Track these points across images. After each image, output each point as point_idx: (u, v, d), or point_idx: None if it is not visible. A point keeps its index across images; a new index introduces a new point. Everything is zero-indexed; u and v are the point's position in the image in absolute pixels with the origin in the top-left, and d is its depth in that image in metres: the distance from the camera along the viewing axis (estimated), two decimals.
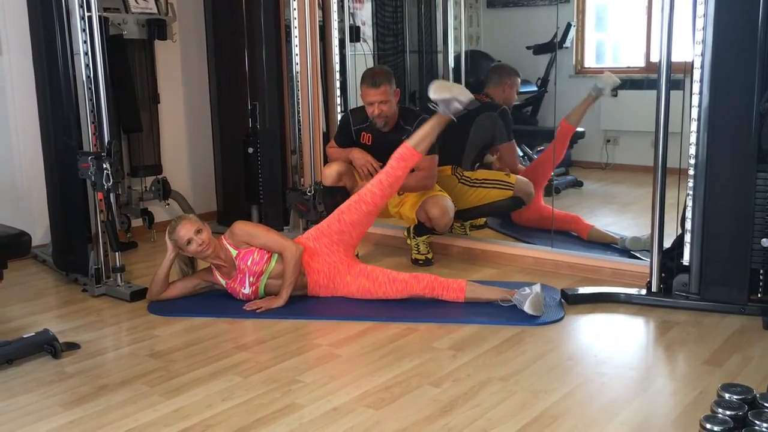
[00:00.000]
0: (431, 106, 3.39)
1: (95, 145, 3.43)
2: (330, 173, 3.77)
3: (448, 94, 3.31)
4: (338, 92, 4.52)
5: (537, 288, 3.10)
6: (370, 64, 4.63)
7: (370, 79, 3.67)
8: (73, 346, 2.85)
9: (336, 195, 3.73)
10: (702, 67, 2.97)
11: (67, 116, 3.51)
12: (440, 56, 5.09)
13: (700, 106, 3.00)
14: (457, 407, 2.31)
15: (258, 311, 3.17)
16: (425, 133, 3.41)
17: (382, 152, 3.70)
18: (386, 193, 3.39)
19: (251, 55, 4.50)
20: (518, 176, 4.09)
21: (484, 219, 4.30)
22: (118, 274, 3.49)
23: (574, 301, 3.24)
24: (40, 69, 3.65)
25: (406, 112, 3.81)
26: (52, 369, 2.68)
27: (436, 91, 3.33)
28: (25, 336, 2.80)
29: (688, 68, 3.03)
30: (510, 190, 4.05)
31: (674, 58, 3.04)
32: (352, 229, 3.35)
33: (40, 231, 4.11)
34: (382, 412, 2.29)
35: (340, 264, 3.32)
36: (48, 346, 2.77)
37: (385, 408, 2.32)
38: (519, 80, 4.30)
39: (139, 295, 3.40)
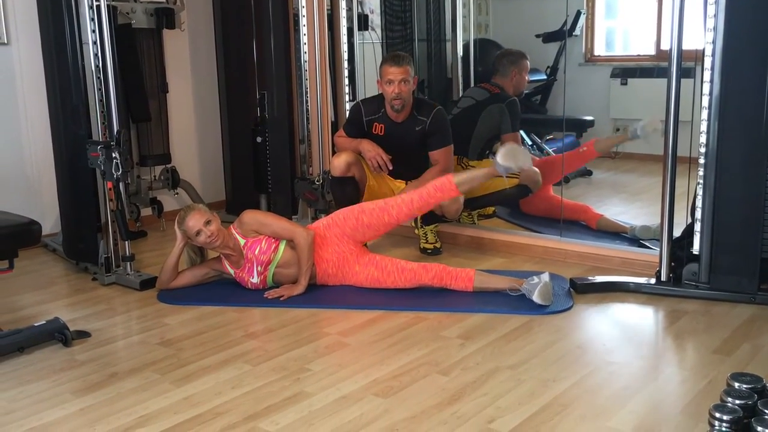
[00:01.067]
0: (494, 162, 3.28)
1: (104, 135, 3.44)
2: (339, 164, 3.74)
3: (513, 163, 3.23)
4: (346, 81, 4.50)
5: (546, 277, 3.10)
6: (379, 53, 4.61)
7: (392, 58, 3.66)
8: (83, 334, 2.87)
9: (345, 185, 3.73)
10: (713, 54, 2.94)
11: (76, 106, 3.52)
12: (449, 45, 5.07)
13: (711, 94, 2.97)
14: (466, 396, 2.31)
15: (281, 299, 3.18)
16: (473, 177, 3.40)
17: (394, 143, 3.68)
18: (413, 214, 3.42)
19: (259, 44, 4.50)
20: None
21: (493, 208, 4.29)
22: (128, 263, 3.51)
23: (583, 291, 3.23)
24: (49, 58, 3.65)
25: (420, 102, 3.78)
26: (63, 357, 2.70)
27: (504, 158, 3.22)
28: (36, 324, 2.82)
29: (699, 56, 3.00)
30: (516, 179, 4.04)
31: (685, 46, 3.01)
32: (366, 230, 3.35)
33: (50, 220, 4.13)
34: (391, 401, 2.29)
35: (349, 254, 3.32)
36: (59, 334, 2.79)
37: (394, 396, 2.32)
38: (527, 63, 4.25)
39: (148, 283, 3.41)
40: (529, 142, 4.69)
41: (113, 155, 3.32)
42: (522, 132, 4.28)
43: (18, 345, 2.71)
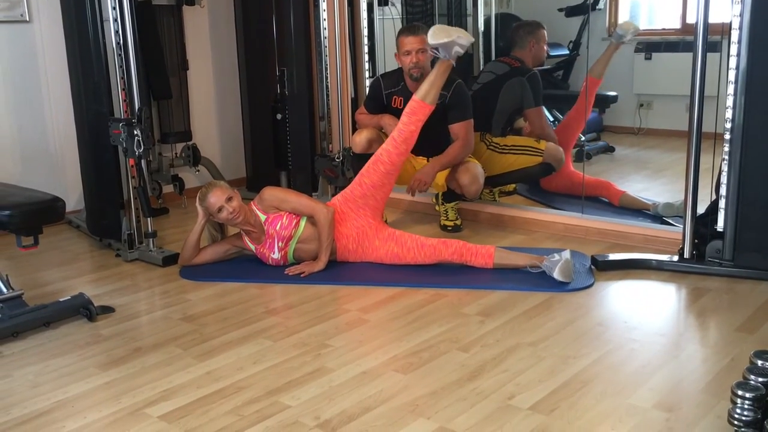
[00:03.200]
0: (432, 52, 3.34)
1: (126, 112, 3.46)
2: (360, 140, 3.74)
3: (446, 38, 3.25)
4: (366, 57, 4.48)
5: (566, 254, 3.08)
6: (399, 29, 4.58)
7: (408, 28, 3.67)
8: (107, 310, 2.91)
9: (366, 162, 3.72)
10: (740, 27, 2.88)
11: (97, 83, 3.54)
12: (470, 19, 5.01)
13: (737, 68, 2.92)
14: (486, 372, 2.32)
15: (302, 276, 3.19)
16: (430, 83, 3.38)
17: None
18: (401, 149, 3.36)
19: (279, 21, 4.48)
20: (548, 142, 4.04)
21: (514, 185, 4.27)
22: (151, 240, 3.54)
23: (604, 268, 3.21)
24: (71, 36, 3.67)
25: None
26: (88, 332, 2.74)
27: (435, 36, 3.27)
28: (61, 300, 2.86)
29: (725, 29, 2.94)
30: (539, 156, 4.00)
31: (711, 19, 2.95)
32: (374, 191, 3.34)
33: (73, 197, 4.18)
34: (411, 377, 2.31)
35: (368, 228, 3.32)
36: (83, 310, 2.83)
37: (414, 372, 2.33)
38: (544, 32, 4.19)
39: (171, 260, 3.44)
40: (551, 118, 4.64)
41: (135, 132, 3.34)
42: (543, 108, 4.24)
43: (44, 320, 2.75)
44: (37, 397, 2.25)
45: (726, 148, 3.01)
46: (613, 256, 3.29)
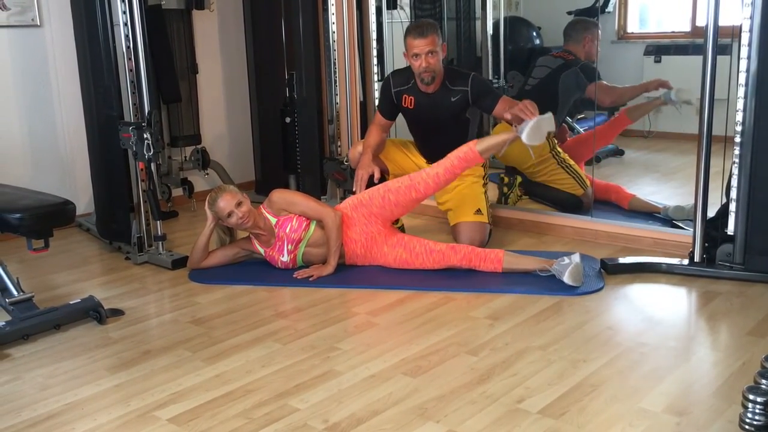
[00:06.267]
0: (514, 127, 3.20)
1: (136, 116, 3.47)
2: (354, 157, 3.66)
3: (539, 139, 3.13)
4: (375, 61, 4.48)
5: (576, 258, 3.07)
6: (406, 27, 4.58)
7: (415, 29, 3.42)
8: (117, 313, 2.92)
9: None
10: (751, 30, 2.87)
11: (108, 87, 3.55)
12: (479, 23, 5.01)
13: (748, 71, 2.90)
14: (495, 376, 2.31)
15: (310, 279, 3.20)
16: (495, 144, 3.27)
17: (424, 116, 3.58)
18: (440, 187, 3.36)
19: (288, 24, 4.49)
20: (589, 182, 4.02)
21: (523, 191, 4.25)
22: (160, 243, 3.55)
23: (614, 271, 3.20)
24: (81, 40, 3.69)
25: (452, 72, 3.55)
26: (98, 334, 2.75)
27: (530, 139, 3.10)
28: (71, 302, 2.87)
29: (735, 32, 2.93)
30: (581, 189, 3.99)
31: (721, 22, 2.94)
32: (394, 208, 3.33)
33: (83, 200, 4.20)
34: (420, 380, 2.30)
35: (377, 234, 3.32)
36: (93, 312, 2.84)
37: (423, 375, 2.33)
38: (599, 32, 4.19)
39: (180, 263, 3.45)
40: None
41: (144, 136, 3.35)
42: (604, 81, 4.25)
43: (54, 322, 2.77)
44: (46, 400, 2.26)
45: (736, 151, 3.00)
46: (623, 260, 3.28)
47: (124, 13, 3.39)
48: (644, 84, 4.13)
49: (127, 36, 3.41)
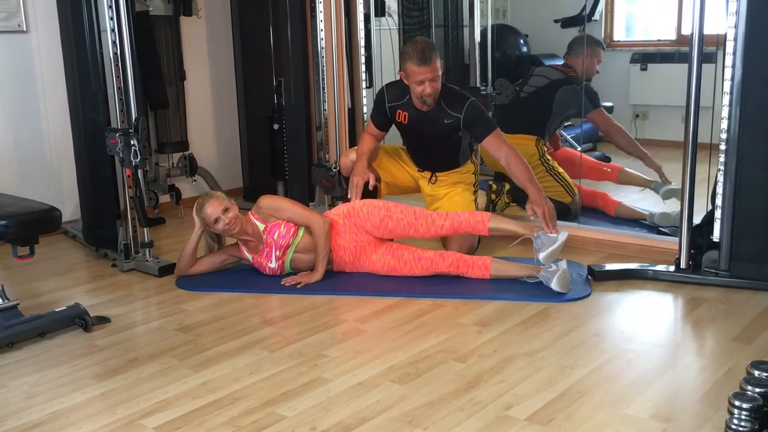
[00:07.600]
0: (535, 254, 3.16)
1: (123, 122, 3.46)
2: (346, 165, 3.64)
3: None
4: (363, 68, 4.49)
5: (563, 265, 3.08)
6: (396, 39, 4.59)
7: (418, 55, 3.26)
8: (103, 320, 2.91)
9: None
10: (735, 39, 2.90)
11: (94, 93, 3.54)
12: (466, 30, 5.02)
13: (732, 79, 2.93)
14: (483, 382, 2.31)
15: (298, 287, 3.19)
16: (508, 231, 3.25)
17: (417, 132, 3.55)
18: (437, 236, 3.39)
19: (276, 31, 4.49)
20: (577, 189, 4.06)
21: (510, 198, 4.26)
22: (147, 250, 3.54)
23: (600, 278, 3.21)
24: (68, 46, 3.67)
25: (450, 93, 3.44)
26: (84, 342, 2.73)
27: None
28: (56, 310, 2.85)
29: (720, 40, 2.96)
30: (569, 197, 4.01)
31: (706, 30, 2.97)
32: (386, 233, 3.32)
33: (70, 207, 4.17)
34: (408, 387, 2.30)
35: (367, 243, 3.32)
36: (79, 320, 2.82)
37: (411, 383, 2.33)
38: (602, 51, 4.20)
39: (167, 270, 3.44)
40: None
41: (132, 142, 3.34)
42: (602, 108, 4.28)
43: (39, 330, 2.75)
44: (32, 408, 2.24)
45: (721, 159, 3.02)
46: (610, 266, 3.30)
47: (112, 19, 3.38)
48: (646, 153, 4.11)
49: (114, 42, 3.40)
